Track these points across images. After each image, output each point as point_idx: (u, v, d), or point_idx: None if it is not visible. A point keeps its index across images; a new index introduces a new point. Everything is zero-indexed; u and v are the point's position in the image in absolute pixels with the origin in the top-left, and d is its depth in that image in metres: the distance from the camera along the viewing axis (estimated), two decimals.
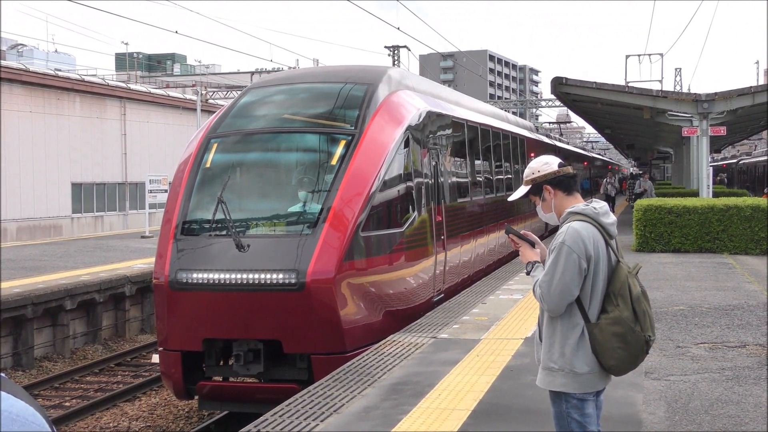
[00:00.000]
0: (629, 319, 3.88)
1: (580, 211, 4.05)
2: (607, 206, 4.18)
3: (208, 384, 9.48)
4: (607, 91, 21.79)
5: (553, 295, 3.93)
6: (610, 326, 3.89)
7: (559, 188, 4.17)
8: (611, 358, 3.89)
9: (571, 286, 3.91)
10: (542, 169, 4.20)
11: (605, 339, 3.88)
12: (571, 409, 3.98)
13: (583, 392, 3.96)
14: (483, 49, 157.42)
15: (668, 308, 10.94)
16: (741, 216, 17.58)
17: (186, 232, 9.45)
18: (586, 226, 3.98)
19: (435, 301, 11.42)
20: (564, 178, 4.17)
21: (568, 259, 3.91)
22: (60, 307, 14.89)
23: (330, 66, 14.47)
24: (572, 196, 4.18)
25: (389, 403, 6.67)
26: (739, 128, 32.61)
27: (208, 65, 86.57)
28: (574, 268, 3.91)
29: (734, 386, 7.04)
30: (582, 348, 3.93)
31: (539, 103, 68.73)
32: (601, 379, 4.00)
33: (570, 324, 3.96)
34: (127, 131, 37.36)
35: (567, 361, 3.94)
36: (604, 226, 4.02)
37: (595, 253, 3.95)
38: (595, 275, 3.95)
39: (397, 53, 49.04)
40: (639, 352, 3.93)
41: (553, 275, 3.93)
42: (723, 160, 72.83)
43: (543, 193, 4.19)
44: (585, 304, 3.96)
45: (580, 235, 3.94)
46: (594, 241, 3.96)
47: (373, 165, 9.71)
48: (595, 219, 4.01)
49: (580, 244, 3.92)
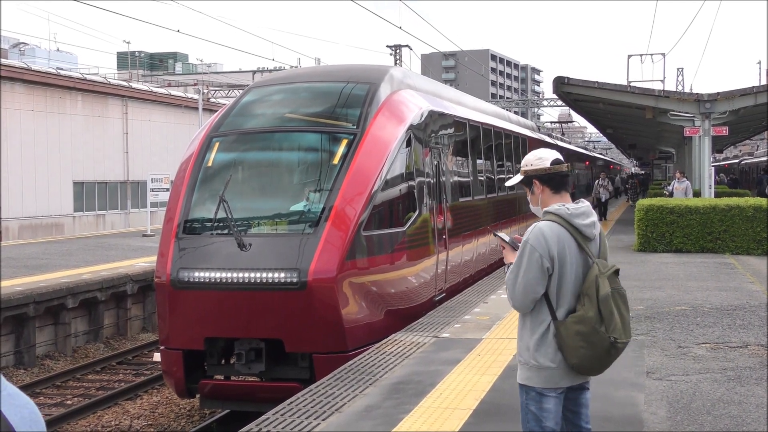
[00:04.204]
0: (593, 320, 3.90)
1: (554, 211, 4.08)
2: (588, 206, 4.16)
3: (210, 383, 9.48)
4: (609, 91, 21.77)
5: (517, 293, 4.03)
6: (574, 325, 3.93)
7: (547, 185, 4.20)
8: (574, 356, 3.93)
9: (533, 284, 3.98)
10: (535, 163, 4.23)
11: (569, 337, 3.92)
12: (529, 401, 4.03)
13: (544, 387, 3.99)
14: (485, 49, 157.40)
15: (670, 308, 10.94)
16: (743, 216, 17.57)
17: (188, 230, 9.45)
18: (552, 226, 4.02)
19: (436, 301, 11.42)
20: (554, 176, 4.19)
21: (531, 258, 3.97)
22: (62, 306, 14.90)
23: (332, 65, 14.48)
24: (559, 194, 4.19)
25: (391, 403, 6.67)
26: (742, 128, 32.57)
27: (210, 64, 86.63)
28: (536, 267, 3.96)
29: (736, 386, 7.03)
30: (546, 343, 3.98)
31: (541, 102, 68.73)
32: (564, 377, 4.00)
33: (538, 320, 4.03)
34: (129, 130, 37.38)
35: (531, 355, 4.01)
36: (578, 227, 4.03)
37: (560, 253, 3.98)
38: (561, 275, 3.99)
39: (399, 52, 49.07)
40: (603, 353, 3.93)
41: (518, 273, 4.02)
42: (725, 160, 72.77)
43: (533, 187, 4.25)
44: (553, 301, 4.00)
45: (544, 234, 3.99)
46: (559, 241, 3.98)
47: (375, 164, 9.71)
48: (567, 220, 4.03)
49: (542, 244, 3.97)
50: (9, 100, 30.36)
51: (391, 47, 49.38)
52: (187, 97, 42.64)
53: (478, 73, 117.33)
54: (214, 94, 43.71)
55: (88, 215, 35.01)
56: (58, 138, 33.07)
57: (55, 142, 32.91)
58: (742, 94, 20.51)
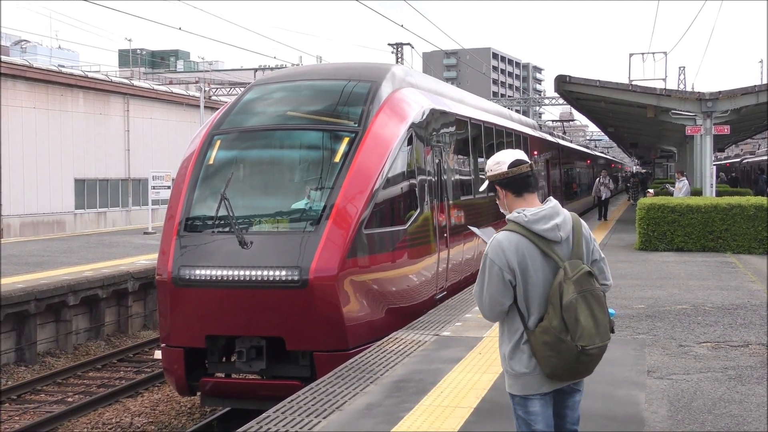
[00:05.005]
0: (557, 329, 3.80)
1: (513, 219, 3.98)
2: (550, 207, 3.97)
3: (211, 380, 9.49)
4: (610, 90, 21.74)
5: (484, 305, 3.98)
6: (540, 335, 3.85)
7: (508, 189, 4.09)
8: (546, 366, 3.86)
9: (497, 296, 3.92)
10: (494, 168, 4.12)
11: (538, 347, 3.86)
12: (516, 406, 4.03)
13: (525, 394, 3.95)
14: (486, 47, 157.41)
15: (671, 307, 10.94)
16: (744, 215, 17.55)
17: (189, 228, 9.45)
18: (509, 236, 3.92)
19: (438, 299, 11.42)
20: (513, 180, 4.06)
21: (491, 272, 3.91)
22: (63, 303, 14.92)
23: (333, 63, 14.47)
24: (522, 197, 4.06)
25: (391, 401, 6.68)
26: (743, 127, 32.55)
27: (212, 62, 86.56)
28: (497, 280, 3.89)
29: (737, 386, 7.03)
30: (519, 351, 3.93)
31: (542, 101, 68.62)
32: (543, 383, 3.92)
33: (512, 328, 3.98)
34: (130, 127, 37.39)
35: (507, 364, 3.99)
36: (538, 233, 3.90)
37: (521, 263, 3.88)
38: (525, 284, 3.89)
39: (401, 51, 49.03)
40: (572, 362, 3.82)
41: (483, 287, 3.96)
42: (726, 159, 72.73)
43: (497, 192, 4.17)
44: (523, 311, 3.93)
45: (501, 246, 3.90)
46: (518, 252, 3.88)
47: (377, 162, 9.70)
48: (525, 227, 3.92)
49: (501, 256, 3.89)
50: (11, 97, 30.38)
51: (392, 45, 49.34)
52: (188, 95, 42.64)
53: (480, 72, 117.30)
54: (216, 91, 43.68)
55: (89, 212, 35.03)
56: (60, 135, 33.08)
57: (57, 140, 32.92)
58: (743, 93, 20.47)
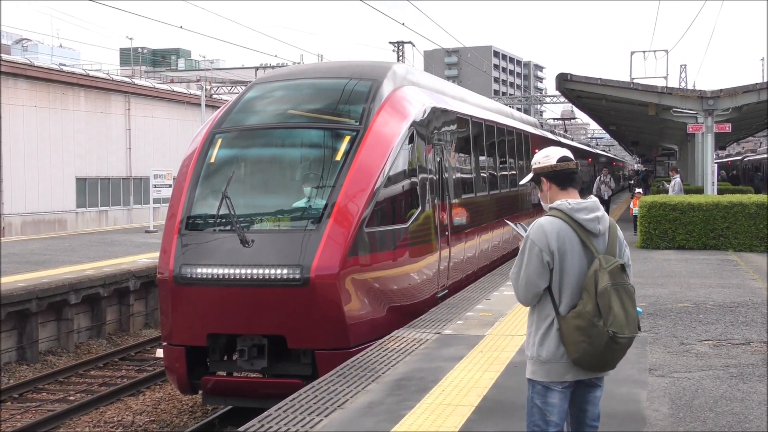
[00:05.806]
0: (590, 313, 3.95)
1: (556, 206, 4.19)
2: (593, 202, 4.20)
3: (212, 379, 9.49)
4: (612, 88, 21.73)
5: (520, 287, 4.14)
6: (573, 319, 4.00)
7: (554, 182, 4.31)
8: (575, 351, 3.99)
9: (535, 278, 4.08)
10: (542, 161, 4.36)
11: (569, 331, 4.00)
12: (534, 395, 4.12)
13: (548, 380, 4.07)
14: (487, 45, 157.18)
15: (672, 305, 10.94)
16: (745, 213, 17.55)
17: (190, 227, 9.45)
18: (552, 221, 4.13)
19: (439, 297, 11.42)
20: (560, 173, 4.29)
21: (531, 253, 4.09)
22: (64, 302, 14.92)
23: (334, 62, 14.45)
24: (566, 191, 4.28)
25: (393, 399, 6.68)
26: (745, 125, 32.51)
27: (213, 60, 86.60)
28: (537, 261, 4.07)
29: (738, 383, 7.04)
30: (549, 337, 4.07)
31: (544, 99, 68.67)
32: (569, 370, 4.06)
33: (543, 315, 4.12)
34: (131, 126, 37.41)
35: (535, 350, 4.11)
36: (580, 222, 4.11)
37: (560, 247, 4.07)
38: (562, 269, 4.07)
39: (402, 49, 49.04)
40: (603, 348, 3.96)
41: (520, 268, 4.13)
42: (728, 157, 72.70)
43: (541, 184, 4.36)
44: (555, 296, 4.08)
45: (544, 229, 4.11)
46: (559, 236, 4.08)
47: (378, 161, 9.70)
48: (568, 214, 4.12)
49: (542, 238, 4.08)
50: (12, 96, 30.40)
51: (394, 44, 49.34)
52: (189, 94, 42.66)
53: (481, 70, 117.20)
54: (217, 90, 43.68)
55: (90, 211, 35.05)
56: (61, 134, 33.10)
57: (58, 138, 32.94)
58: (745, 91, 20.46)
